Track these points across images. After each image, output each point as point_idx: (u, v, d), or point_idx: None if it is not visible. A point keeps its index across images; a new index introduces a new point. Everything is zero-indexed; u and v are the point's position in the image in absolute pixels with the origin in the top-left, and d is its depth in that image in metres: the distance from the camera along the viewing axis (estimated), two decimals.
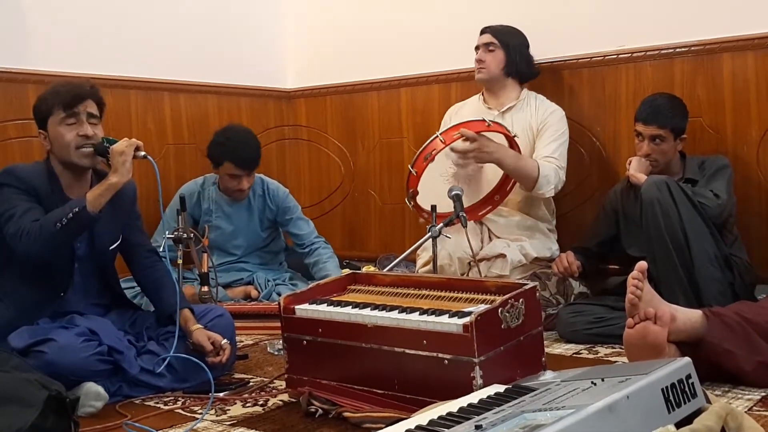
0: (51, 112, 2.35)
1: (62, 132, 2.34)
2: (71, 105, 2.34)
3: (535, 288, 2.08)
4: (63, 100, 2.34)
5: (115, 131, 2.99)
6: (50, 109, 2.35)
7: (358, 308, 2.14)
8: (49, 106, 2.35)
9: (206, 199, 3.64)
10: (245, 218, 3.67)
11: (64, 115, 2.34)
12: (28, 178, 2.32)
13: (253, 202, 3.68)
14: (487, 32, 3.37)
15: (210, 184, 3.66)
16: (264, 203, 3.70)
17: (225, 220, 3.65)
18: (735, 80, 3.11)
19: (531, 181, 3.13)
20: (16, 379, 1.85)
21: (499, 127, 3.05)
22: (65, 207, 2.25)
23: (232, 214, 3.65)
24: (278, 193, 3.73)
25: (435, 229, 2.74)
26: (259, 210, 3.70)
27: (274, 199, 3.71)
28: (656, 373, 1.54)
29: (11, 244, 2.27)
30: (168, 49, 3.87)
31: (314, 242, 3.71)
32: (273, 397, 2.27)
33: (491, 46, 3.33)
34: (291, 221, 3.72)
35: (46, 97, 2.38)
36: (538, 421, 1.38)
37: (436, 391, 1.88)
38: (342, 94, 4.32)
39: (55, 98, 2.35)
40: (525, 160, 3.14)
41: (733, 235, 2.89)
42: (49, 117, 2.36)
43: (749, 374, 2.14)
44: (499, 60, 3.32)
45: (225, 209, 3.65)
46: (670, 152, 2.94)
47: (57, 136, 2.35)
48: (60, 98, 2.34)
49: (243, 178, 3.54)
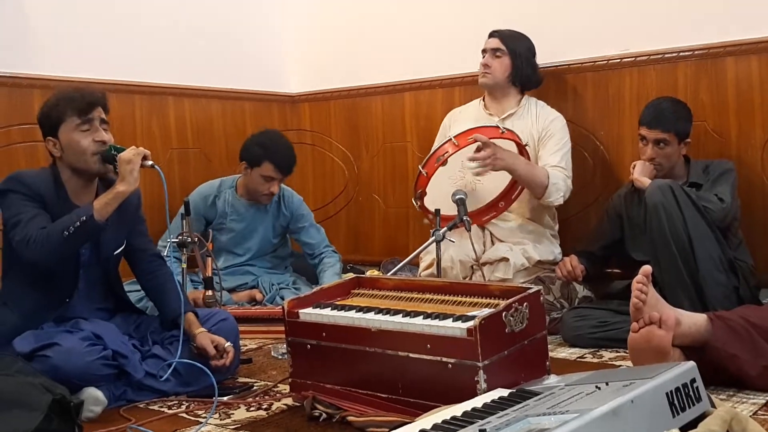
0: (63, 119, 2.33)
1: (77, 138, 2.33)
2: (85, 111, 2.33)
3: (539, 292, 2.08)
4: (77, 106, 2.33)
5: (119, 136, 2.99)
6: (62, 115, 2.33)
7: (361, 312, 2.14)
8: (60, 112, 2.34)
9: (222, 202, 3.65)
10: (259, 223, 3.68)
11: (78, 122, 2.33)
12: (34, 184, 2.32)
13: (268, 207, 3.69)
14: (496, 36, 3.36)
15: (227, 187, 3.67)
16: (279, 210, 3.71)
17: (239, 224, 3.65)
18: (739, 84, 3.11)
19: (541, 190, 3.13)
20: (20, 383, 1.86)
21: (512, 135, 3.05)
22: (72, 215, 2.25)
23: (247, 218, 3.66)
24: (293, 200, 3.74)
25: (439, 233, 2.74)
26: (273, 216, 3.71)
27: (289, 206, 3.72)
28: (661, 377, 1.53)
29: (18, 251, 2.27)
30: (172, 54, 3.88)
31: (323, 251, 3.72)
32: (277, 401, 2.27)
33: (498, 52, 3.32)
34: (303, 229, 3.73)
35: (57, 104, 2.36)
36: (543, 425, 1.38)
37: (440, 395, 1.88)
38: (346, 99, 4.33)
39: (68, 104, 2.34)
40: (536, 168, 3.14)
41: (737, 238, 2.88)
42: (61, 124, 2.34)
43: (754, 378, 2.14)
44: (505, 66, 3.32)
45: (241, 213, 3.65)
46: (674, 156, 2.93)
47: (71, 142, 2.33)
48: (74, 104, 2.33)
49: (276, 182, 3.55)
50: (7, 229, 2.31)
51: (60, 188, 2.37)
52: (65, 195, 2.37)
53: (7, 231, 2.31)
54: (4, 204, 2.32)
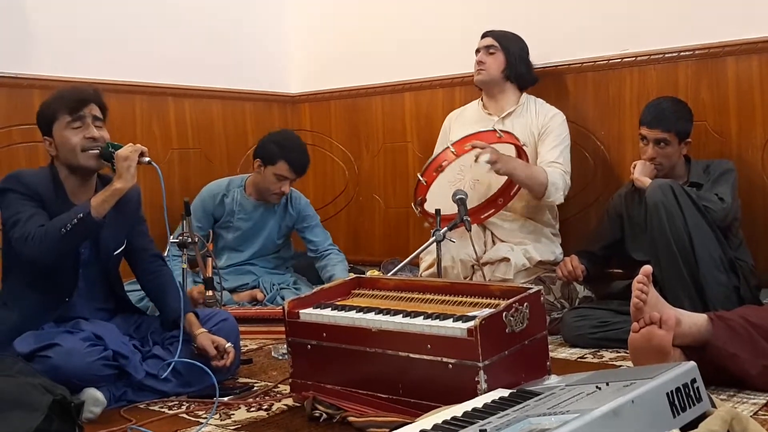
0: (56, 117, 2.36)
1: (68, 135, 2.34)
2: (76, 108, 2.35)
3: (540, 292, 2.08)
4: (68, 104, 2.35)
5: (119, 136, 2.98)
6: (55, 114, 2.36)
7: (362, 312, 2.14)
8: (53, 111, 2.36)
9: (231, 200, 3.65)
10: (265, 223, 3.69)
11: (69, 119, 2.35)
12: (32, 183, 2.33)
13: (276, 208, 3.70)
14: (489, 36, 3.38)
15: (236, 186, 3.68)
16: (285, 210, 3.72)
17: (246, 222, 3.66)
18: (739, 84, 3.11)
19: (541, 190, 3.13)
20: (20, 384, 1.86)
21: (510, 138, 3.05)
22: (70, 212, 2.26)
23: (254, 217, 3.66)
24: (300, 201, 3.76)
25: (439, 233, 2.74)
26: (280, 217, 3.71)
27: (296, 206, 3.73)
28: (661, 377, 1.53)
29: (16, 249, 2.28)
30: (172, 54, 3.88)
31: (328, 249, 3.73)
32: (277, 402, 2.27)
33: (492, 49, 3.34)
34: (309, 228, 3.74)
35: (50, 103, 2.39)
36: (543, 426, 1.38)
37: (441, 395, 1.88)
38: (346, 99, 4.33)
39: (60, 103, 2.36)
40: (534, 169, 3.14)
41: (738, 238, 2.88)
42: (54, 122, 2.36)
43: (754, 378, 2.14)
44: (499, 62, 3.33)
45: (248, 211, 3.66)
46: (674, 156, 2.93)
47: (63, 140, 2.35)
48: (64, 102, 2.35)
49: (288, 182, 3.56)
50: (6, 228, 2.32)
51: (58, 187, 2.38)
52: (63, 194, 2.38)
53: (7, 230, 2.31)
54: (3, 203, 2.32)
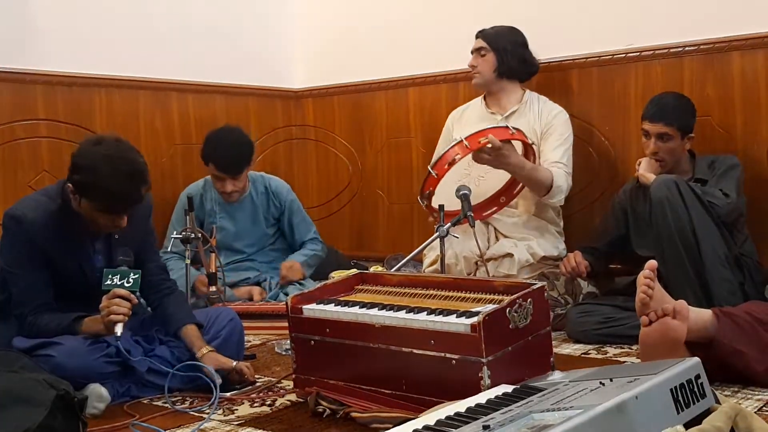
0: (91, 197, 2.23)
1: (96, 217, 2.27)
2: (115, 210, 2.26)
3: (544, 288, 2.07)
4: (106, 205, 2.23)
5: (123, 132, 2.99)
6: (93, 194, 2.22)
7: (365, 308, 2.14)
8: (92, 193, 2.21)
9: (209, 200, 3.62)
10: (249, 217, 3.66)
11: (101, 211, 2.26)
12: (32, 229, 2.28)
13: (255, 200, 3.66)
14: (479, 37, 3.38)
15: (211, 186, 3.63)
16: (267, 200, 3.69)
17: (229, 221, 3.64)
18: (745, 79, 3.10)
19: (544, 190, 3.14)
20: (24, 379, 1.86)
21: (521, 135, 3.05)
22: (63, 322, 2.28)
23: (235, 214, 3.64)
24: (281, 189, 3.72)
25: (443, 229, 2.74)
26: (263, 208, 3.69)
27: (277, 195, 3.70)
28: (665, 373, 1.53)
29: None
30: (176, 50, 3.88)
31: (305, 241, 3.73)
32: (281, 397, 2.27)
33: (482, 51, 3.34)
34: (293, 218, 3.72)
35: (95, 183, 2.19)
36: (546, 422, 1.38)
37: (444, 391, 1.88)
38: (350, 94, 4.32)
39: (101, 196, 2.21)
40: (539, 170, 3.13)
41: (743, 234, 2.87)
42: (87, 195, 2.23)
43: (760, 374, 2.13)
44: (490, 63, 3.32)
45: (228, 210, 3.63)
46: (677, 151, 2.92)
47: (90, 215, 2.27)
48: (106, 200, 2.22)
49: (226, 181, 3.48)
50: (3, 272, 2.34)
51: (67, 219, 2.31)
52: (70, 227, 2.32)
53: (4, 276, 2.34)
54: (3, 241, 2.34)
